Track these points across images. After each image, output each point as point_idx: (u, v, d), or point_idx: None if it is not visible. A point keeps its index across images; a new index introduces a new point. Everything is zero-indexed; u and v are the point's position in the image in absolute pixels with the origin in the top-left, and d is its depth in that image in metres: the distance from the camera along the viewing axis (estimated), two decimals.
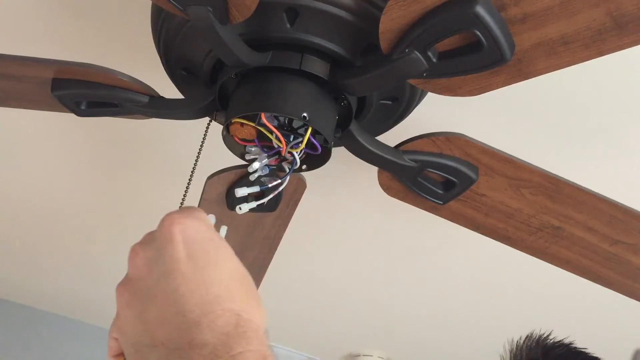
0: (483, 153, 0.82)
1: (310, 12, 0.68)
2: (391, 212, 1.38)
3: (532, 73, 0.65)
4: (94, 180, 1.55)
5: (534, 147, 1.14)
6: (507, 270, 1.55)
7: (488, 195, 0.87)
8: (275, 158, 0.76)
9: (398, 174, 0.85)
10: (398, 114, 0.83)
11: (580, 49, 0.60)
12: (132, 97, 0.80)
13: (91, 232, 1.80)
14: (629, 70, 0.97)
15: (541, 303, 1.65)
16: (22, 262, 2.06)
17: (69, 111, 0.86)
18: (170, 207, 0.73)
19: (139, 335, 0.45)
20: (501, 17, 0.59)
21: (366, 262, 1.63)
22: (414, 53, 0.63)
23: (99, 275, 2.01)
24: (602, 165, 1.16)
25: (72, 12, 1.06)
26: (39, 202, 1.68)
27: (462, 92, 0.69)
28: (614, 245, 0.91)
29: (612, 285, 1.00)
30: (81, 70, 0.79)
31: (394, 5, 0.60)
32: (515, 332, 0.75)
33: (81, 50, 1.12)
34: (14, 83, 0.83)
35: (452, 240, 1.47)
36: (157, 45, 0.80)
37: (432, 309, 1.84)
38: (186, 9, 0.64)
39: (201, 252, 0.46)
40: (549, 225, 0.90)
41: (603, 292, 1.02)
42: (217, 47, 0.68)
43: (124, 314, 0.46)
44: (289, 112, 0.71)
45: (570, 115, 1.08)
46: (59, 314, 2.41)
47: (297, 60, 0.72)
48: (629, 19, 0.56)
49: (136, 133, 1.35)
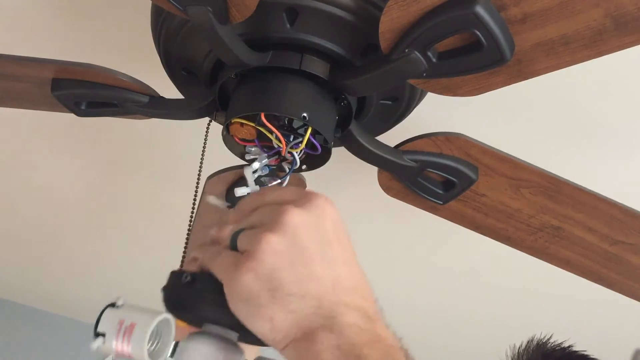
0: (483, 153, 0.82)
1: (310, 12, 0.68)
2: (391, 212, 1.38)
3: (532, 73, 0.65)
4: (94, 181, 1.55)
5: (534, 147, 1.14)
6: (507, 271, 1.55)
7: (488, 195, 0.87)
8: (275, 158, 0.76)
9: (398, 174, 0.85)
10: (398, 114, 0.83)
11: (580, 49, 0.60)
12: (132, 97, 0.80)
13: (91, 233, 1.80)
14: (629, 70, 0.98)
15: (541, 303, 1.66)
16: (23, 262, 2.06)
17: (69, 111, 0.86)
18: (171, 207, 0.73)
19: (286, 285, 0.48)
20: (501, 17, 0.59)
21: (366, 262, 1.62)
22: (413, 53, 0.63)
23: (99, 275, 2.01)
24: (602, 165, 1.16)
25: (72, 12, 1.06)
26: (39, 202, 1.68)
27: (462, 92, 0.69)
28: (613, 245, 0.91)
29: (612, 286, 1.00)
30: (81, 70, 0.79)
31: (393, 6, 0.60)
32: (515, 331, 0.75)
33: (81, 50, 1.12)
34: (13, 83, 0.83)
35: (452, 241, 1.47)
36: (157, 45, 0.80)
37: (431, 308, 1.84)
38: (186, 9, 0.64)
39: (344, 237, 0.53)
40: (548, 225, 0.90)
41: (603, 292, 1.02)
42: (217, 47, 0.68)
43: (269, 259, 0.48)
44: (289, 112, 0.71)
45: (570, 115, 1.08)
46: (59, 314, 2.41)
47: (297, 60, 0.71)
48: (629, 19, 0.56)
49: (137, 134, 1.35)
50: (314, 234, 0.50)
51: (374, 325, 0.48)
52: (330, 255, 0.50)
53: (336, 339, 0.46)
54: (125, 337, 0.53)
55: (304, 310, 0.48)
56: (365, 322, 0.48)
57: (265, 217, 0.52)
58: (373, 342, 0.47)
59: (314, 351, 0.46)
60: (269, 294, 0.48)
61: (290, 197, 0.53)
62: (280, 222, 0.50)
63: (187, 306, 0.59)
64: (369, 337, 0.47)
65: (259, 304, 0.48)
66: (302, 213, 0.51)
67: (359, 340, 0.47)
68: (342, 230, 0.53)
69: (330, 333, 0.47)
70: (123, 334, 0.53)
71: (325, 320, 0.47)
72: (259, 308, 0.48)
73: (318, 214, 0.51)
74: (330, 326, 0.47)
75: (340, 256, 0.51)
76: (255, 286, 0.48)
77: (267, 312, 0.48)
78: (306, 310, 0.48)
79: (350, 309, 0.48)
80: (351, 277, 0.51)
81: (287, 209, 0.50)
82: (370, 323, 0.48)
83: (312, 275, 0.49)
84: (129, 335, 0.53)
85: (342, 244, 0.52)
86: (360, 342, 0.47)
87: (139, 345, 0.53)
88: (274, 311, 0.48)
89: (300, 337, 0.47)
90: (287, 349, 0.48)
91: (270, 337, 0.48)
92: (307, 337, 0.47)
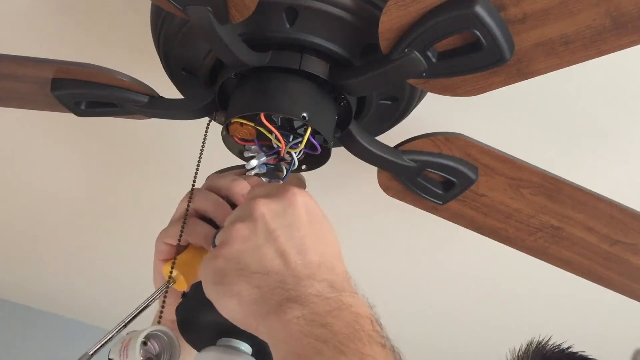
0: (483, 153, 0.82)
1: (310, 12, 0.68)
2: (390, 212, 1.38)
3: (531, 73, 0.65)
4: (94, 181, 1.55)
5: (533, 147, 1.14)
6: (507, 270, 1.55)
7: (488, 195, 0.87)
8: (274, 157, 0.76)
9: (397, 174, 0.85)
10: (398, 114, 0.83)
11: (580, 49, 0.60)
12: (131, 97, 0.80)
13: (91, 233, 1.80)
14: (629, 70, 0.97)
15: (541, 303, 1.65)
16: (22, 262, 2.06)
17: (68, 111, 0.86)
18: (171, 208, 0.73)
19: (252, 264, 0.52)
20: (501, 17, 0.59)
21: (365, 262, 1.62)
22: (413, 53, 0.63)
23: (99, 275, 2.01)
24: (602, 166, 1.16)
25: (72, 12, 1.06)
26: (39, 202, 1.68)
27: (462, 92, 0.69)
28: (613, 245, 0.91)
29: (612, 286, 1.00)
30: (81, 70, 0.79)
31: (393, 6, 0.60)
32: (515, 331, 0.75)
33: (81, 50, 1.12)
34: (14, 83, 0.83)
35: (452, 241, 1.47)
36: (156, 45, 0.80)
37: (432, 308, 1.84)
38: (185, 9, 0.64)
39: (318, 222, 0.56)
40: (548, 225, 0.90)
41: (603, 292, 1.02)
42: (217, 47, 0.68)
43: (237, 245, 0.53)
44: (288, 112, 0.71)
45: (570, 115, 1.08)
46: (59, 314, 2.41)
47: (296, 60, 0.71)
48: (628, 19, 0.56)
49: (136, 134, 1.35)
50: (281, 219, 0.54)
51: (339, 294, 0.50)
52: (297, 235, 0.53)
53: (301, 309, 0.48)
54: (124, 353, 0.55)
55: (269, 285, 0.51)
56: (330, 292, 0.50)
57: (239, 211, 0.57)
58: (338, 310, 0.49)
59: (280, 323, 0.48)
60: (236, 273, 0.52)
61: (263, 192, 0.57)
62: (249, 213, 0.55)
63: (188, 320, 0.60)
64: (335, 305, 0.49)
65: (226, 282, 0.52)
66: (269, 202, 0.55)
67: (323, 309, 0.48)
68: (318, 217, 0.56)
69: (294, 303, 0.49)
70: (123, 351, 0.55)
71: (289, 293, 0.50)
72: (227, 285, 0.52)
73: (287, 203, 0.55)
74: (294, 297, 0.49)
75: (309, 237, 0.54)
76: (224, 268, 0.52)
77: (234, 288, 0.51)
78: (271, 284, 0.51)
79: (315, 281, 0.51)
80: (318, 254, 0.53)
81: (256, 201, 0.55)
82: (334, 292, 0.50)
83: (276, 254, 0.52)
84: (127, 350, 0.55)
85: (315, 227, 0.55)
86: (324, 311, 0.48)
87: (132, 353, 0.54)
88: (240, 287, 0.51)
89: (267, 312, 0.50)
90: (259, 326, 0.51)
91: (240, 313, 0.51)
92: (274, 310, 0.49)
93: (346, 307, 0.49)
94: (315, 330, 0.47)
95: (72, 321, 2.41)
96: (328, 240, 0.55)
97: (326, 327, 0.47)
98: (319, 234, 0.55)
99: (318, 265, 0.52)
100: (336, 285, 0.51)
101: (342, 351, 0.45)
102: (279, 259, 0.52)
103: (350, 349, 0.46)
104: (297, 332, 0.47)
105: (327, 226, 0.56)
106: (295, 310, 0.48)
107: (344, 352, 0.45)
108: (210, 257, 0.55)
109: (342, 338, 0.46)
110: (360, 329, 0.48)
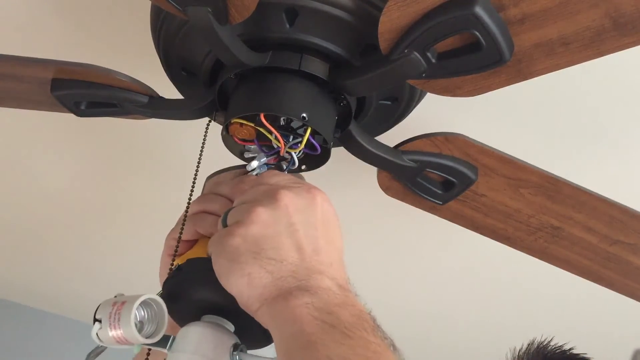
0: (482, 153, 0.82)
1: (309, 13, 0.68)
2: (390, 212, 1.39)
3: (531, 73, 0.65)
4: (94, 181, 1.55)
5: (533, 147, 1.14)
6: (507, 270, 1.55)
7: (487, 195, 0.87)
8: (274, 157, 0.76)
9: (397, 174, 0.85)
10: (397, 114, 0.83)
11: (580, 49, 0.60)
12: (131, 97, 0.80)
13: (91, 233, 1.80)
14: (629, 70, 0.98)
15: (540, 303, 1.66)
16: (22, 262, 2.06)
17: (68, 111, 0.86)
18: (171, 208, 0.74)
19: (269, 250, 0.53)
20: (500, 18, 0.59)
21: (365, 262, 1.63)
22: (413, 54, 0.63)
23: (99, 275, 2.01)
24: (602, 166, 1.16)
25: (72, 12, 1.06)
26: (39, 203, 1.68)
27: (461, 92, 0.69)
28: (613, 245, 0.91)
29: (612, 286, 1.00)
30: (81, 71, 0.79)
31: (393, 6, 0.60)
32: (515, 331, 0.75)
33: (81, 51, 1.12)
34: (14, 83, 0.83)
35: (452, 241, 1.47)
36: (156, 45, 0.80)
37: (432, 308, 1.84)
38: (185, 10, 0.64)
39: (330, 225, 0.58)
40: (548, 225, 0.90)
41: (603, 292, 1.03)
42: (216, 47, 0.68)
43: (257, 228, 0.54)
44: (288, 113, 0.71)
45: (570, 115, 1.08)
46: (59, 314, 2.41)
47: (296, 60, 0.71)
48: (628, 19, 0.56)
49: (136, 134, 1.35)
50: (302, 215, 0.55)
51: (346, 293, 0.53)
52: (313, 234, 0.55)
53: (310, 296, 0.50)
54: (116, 316, 0.54)
55: (281, 272, 0.52)
56: (338, 289, 0.53)
57: (259, 195, 0.57)
58: (345, 304, 0.51)
59: (288, 306, 0.50)
60: (251, 255, 0.53)
61: (286, 183, 0.59)
62: (273, 199, 0.55)
63: (178, 292, 0.61)
64: (341, 300, 0.52)
65: (240, 261, 0.53)
66: (293, 196, 0.56)
67: (332, 301, 0.51)
68: (331, 220, 0.58)
69: (305, 291, 0.51)
70: (114, 314, 0.55)
71: (300, 282, 0.52)
72: (240, 264, 0.53)
73: (309, 200, 0.57)
74: (305, 287, 0.51)
75: (323, 238, 0.56)
76: (239, 247, 0.53)
77: (246, 268, 0.53)
78: (283, 273, 0.52)
79: (325, 276, 0.53)
80: (329, 255, 0.55)
81: (281, 190, 0.56)
82: (342, 291, 0.53)
83: (293, 246, 0.54)
84: (119, 313, 0.54)
85: (328, 230, 0.57)
86: (333, 302, 0.51)
87: (126, 320, 0.54)
88: (253, 269, 0.52)
89: (275, 296, 0.51)
90: (261, 308, 0.52)
91: (247, 293, 0.53)
92: (282, 295, 0.51)
93: (351, 304, 0.52)
94: (323, 316, 0.49)
95: (72, 321, 2.41)
96: (337, 245, 0.58)
97: (333, 314, 0.49)
98: (330, 237, 0.57)
99: (328, 264, 0.55)
100: (343, 286, 0.54)
101: (348, 335, 0.48)
102: (295, 252, 0.54)
103: (356, 335, 0.48)
104: (306, 315, 0.49)
105: (337, 231, 0.59)
106: (305, 297, 0.50)
107: (351, 336, 0.48)
108: (225, 233, 0.55)
109: (349, 325, 0.49)
110: (365, 321, 0.50)
